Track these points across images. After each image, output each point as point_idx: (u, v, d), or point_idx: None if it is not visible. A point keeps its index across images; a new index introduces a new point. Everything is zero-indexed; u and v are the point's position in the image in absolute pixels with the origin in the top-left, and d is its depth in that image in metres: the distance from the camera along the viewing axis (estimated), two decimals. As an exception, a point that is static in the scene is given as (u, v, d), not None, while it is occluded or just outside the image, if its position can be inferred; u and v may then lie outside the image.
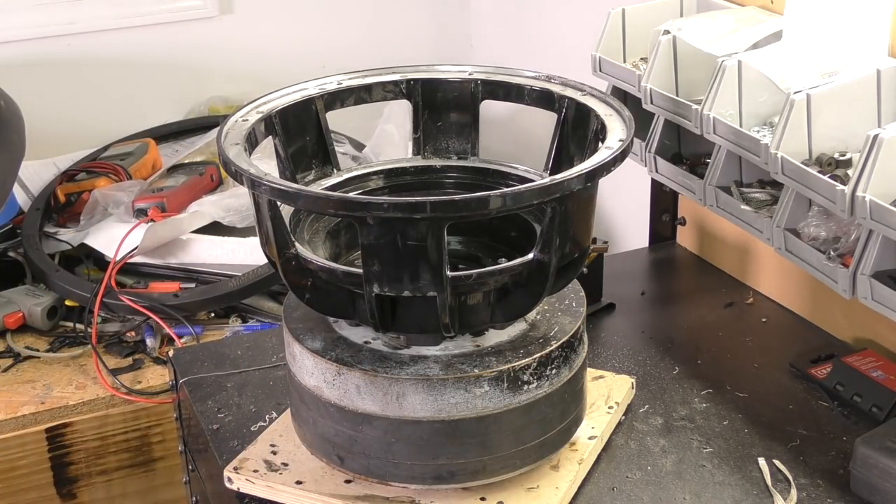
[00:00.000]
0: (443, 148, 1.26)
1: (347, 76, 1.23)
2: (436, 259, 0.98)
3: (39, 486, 1.78)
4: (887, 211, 1.10)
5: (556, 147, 1.19)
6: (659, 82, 1.40)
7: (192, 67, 2.52)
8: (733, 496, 1.15)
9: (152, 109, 2.48)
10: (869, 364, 1.32)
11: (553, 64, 1.53)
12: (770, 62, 1.30)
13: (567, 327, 1.12)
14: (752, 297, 1.55)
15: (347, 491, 1.12)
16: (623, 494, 1.15)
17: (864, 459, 1.13)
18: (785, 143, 1.21)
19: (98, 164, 2.24)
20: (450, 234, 0.99)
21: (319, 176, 1.21)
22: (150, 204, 2.03)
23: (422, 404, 1.05)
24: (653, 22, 1.45)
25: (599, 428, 1.21)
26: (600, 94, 1.16)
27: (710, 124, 1.31)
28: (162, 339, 1.87)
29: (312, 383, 1.09)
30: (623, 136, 1.06)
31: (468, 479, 1.09)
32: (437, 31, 2.70)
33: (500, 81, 1.23)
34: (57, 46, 2.40)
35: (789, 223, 1.26)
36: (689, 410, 1.29)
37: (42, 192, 2.18)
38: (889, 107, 1.24)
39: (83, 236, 2.04)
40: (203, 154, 2.24)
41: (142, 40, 2.46)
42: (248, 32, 2.55)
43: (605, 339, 1.45)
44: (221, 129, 1.09)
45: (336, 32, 2.62)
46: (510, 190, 0.98)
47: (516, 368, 1.06)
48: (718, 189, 1.36)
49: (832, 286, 1.20)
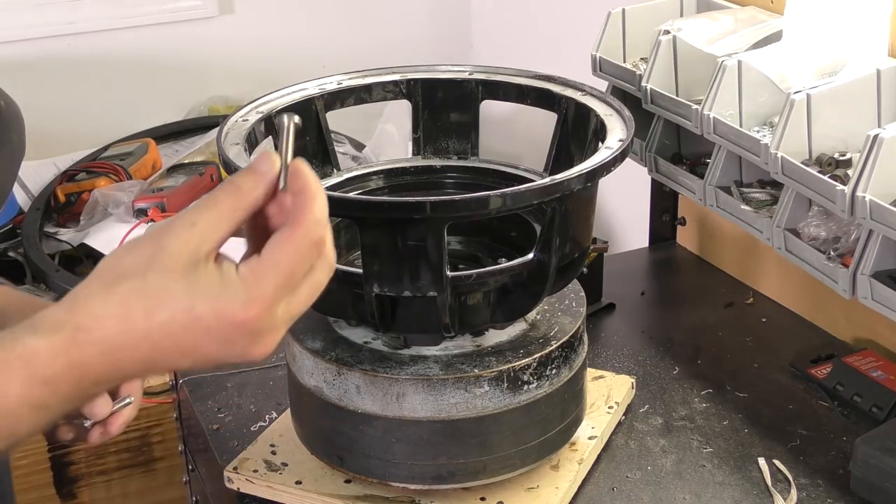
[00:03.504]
0: (443, 148, 1.26)
1: (347, 76, 1.23)
2: (436, 259, 0.98)
3: (39, 486, 1.78)
4: (887, 211, 1.10)
5: (556, 147, 1.19)
6: (659, 82, 1.40)
7: (192, 67, 2.52)
8: (733, 496, 1.15)
9: (152, 109, 2.48)
10: (869, 364, 1.32)
11: (553, 64, 1.52)
12: (770, 62, 1.30)
13: (567, 327, 1.12)
14: (752, 297, 1.55)
15: (347, 491, 1.12)
16: (623, 494, 1.15)
17: (864, 459, 1.12)
18: (785, 143, 1.21)
19: (98, 164, 2.24)
20: (450, 234, 0.99)
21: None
22: (150, 204, 2.03)
23: (422, 404, 1.05)
24: (653, 22, 1.45)
25: (599, 428, 1.21)
26: (600, 94, 1.16)
27: (710, 124, 1.31)
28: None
29: (312, 383, 1.09)
30: (623, 136, 1.06)
31: (468, 479, 1.09)
32: (437, 31, 2.70)
33: (500, 81, 1.23)
34: (57, 46, 2.40)
35: (789, 223, 1.26)
36: (689, 410, 1.29)
37: (42, 192, 2.18)
38: (889, 107, 1.24)
39: (83, 236, 2.04)
40: (203, 154, 2.24)
41: (142, 40, 2.46)
42: (248, 32, 2.55)
43: (605, 339, 1.45)
44: (221, 129, 1.09)
45: (336, 32, 2.62)
46: (510, 190, 0.97)
47: (516, 368, 1.06)
48: (718, 189, 1.36)
49: (832, 286, 1.20)
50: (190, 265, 0.75)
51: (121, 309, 0.74)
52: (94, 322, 0.74)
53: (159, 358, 0.77)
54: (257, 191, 0.77)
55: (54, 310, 0.76)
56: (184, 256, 0.74)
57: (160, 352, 0.76)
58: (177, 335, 0.75)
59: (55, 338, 0.74)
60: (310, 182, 0.78)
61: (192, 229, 0.75)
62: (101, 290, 0.75)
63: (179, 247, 0.75)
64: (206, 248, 0.75)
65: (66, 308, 0.76)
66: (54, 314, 0.76)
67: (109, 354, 0.75)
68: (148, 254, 0.75)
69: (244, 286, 0.75)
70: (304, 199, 0.77)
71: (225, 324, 0.75)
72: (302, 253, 0.76)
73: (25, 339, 0.74)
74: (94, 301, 0.75)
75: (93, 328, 0.74)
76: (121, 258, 0.76)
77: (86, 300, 0.75)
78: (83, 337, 0.74)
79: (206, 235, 0.75)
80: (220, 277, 0.75)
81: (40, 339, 0.74)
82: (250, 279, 0.76)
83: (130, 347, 0.75)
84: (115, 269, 0.75)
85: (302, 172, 0.78)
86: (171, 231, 0.75)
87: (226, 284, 0.75)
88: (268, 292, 0.76)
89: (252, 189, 0.77)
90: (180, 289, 0.74)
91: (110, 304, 0.74)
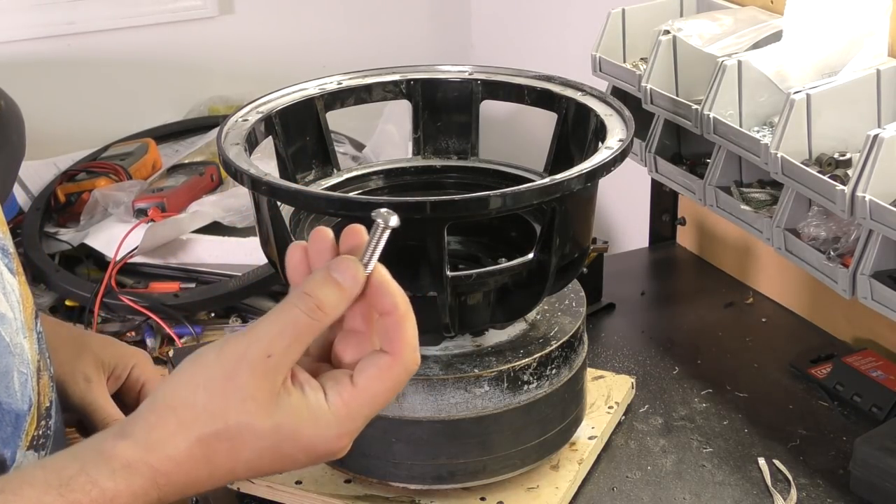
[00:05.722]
0: (443, 148, 1.26)
1: (347, 76, 1.23)
2: (436, 259, 0.98)
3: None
4: (887, 211, 1.10)
5: (556, 147, 1.18)
6: (659, 82, 1.40)
7: (192, 67, 2.52)
8: (733, 496, 1.15)
9: (152, 109, 2.48)
10: (869, 364, 1.32)
11: (553, 64, 1.53)
12: (770, 62, 1.30)
13: (567, 327, 1.12)
14: (752, 297, 1.55)
15: (347, 491, 1.12)
16: (623, 494, 1.15)
17: (864, 459, 1.12)
18: (785, 143, 1.21)
19: (98, 164, 2.24)
20: (450, 234, 0.99)
21: (319, 176, 1.21)
22: (150, 204, 2.03)
23: (422, 404, 1.05)
24: (653, 22, 1.45)
25: (599, 428, 1.21)
26: (600, 94, 1.16)
27: (710, 124, 1.31)
28: (162, 338, 1.87)
29: (312, 383, 1.09)
30: (623, 136, 1.06)
31: (468, 479, 1.09)
32: (437, 31, 2.70)
33: (500, 81, 1.23)
34: (57, 46, 2.40)
35: (789, 223, 1.26)
36: (689, 410, 1.29)
37: (42, 192, 2.18)
38: (889, 107, 1.24)
39: (83, 236, 2.04)
40: (203, 154, 2.24)
41: (142, 40, 2.46)
42: (248, 32, 2.55)
43: (605, 339, 1.45)
44: (221, 129, 1.09)
45: (336, 32, 2.62)
46: (510, 190, 0.97)
47: (516, 368, 1.06)
48: (718, 189, 1.36)
49: (832, 286, 1.20)
50: (271, 400, 0.71)
51: (203, 451, 0.71)
52: (176, 467, 0.72)
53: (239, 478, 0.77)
54: (339, 310, 0.73)
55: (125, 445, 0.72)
56: (263, 392, 0.71)
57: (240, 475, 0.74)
58: (261, 468, 0.73)
59: (134, 482, 0.71)
60: (399, 302, 0.73)
61: (269, 362, 0.71)
62: (179, 432, 0.71)
63: (258, 384, 0.71)
64: (282, 376, 0.72)
65: (141, 447, 0.72)
66: (127, 452, 0.71)
67: (188, 490, 0.73)
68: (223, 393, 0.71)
69: (337, 422, 0.72)
70: (396, 322, 0.73)
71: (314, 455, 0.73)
72: (400, 383, 0.73)
73: (101, 482, 0.70)
74: (173, 444, 0.71)
75: (174, 473, 0.72)
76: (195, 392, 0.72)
77: (162, 442, 0.71)
78: (164, 480, 0.72)
79: (283, 363, 0.71)
80: (307, 411, 0.71)
81: (119, 483, 0.71)
82: (344, 415, 0.72)
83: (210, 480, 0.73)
84: (191, 407, 0.71)
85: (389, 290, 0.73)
86: (246, 364, 0.71)
87: (316, 419, 0.71)
88: (360, 424, 0.73)
89: (334, 309, 0.72)
90: (266, 429, 0.71)
91: (193, 447, 0.71)
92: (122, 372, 1.13)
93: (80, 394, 1.08)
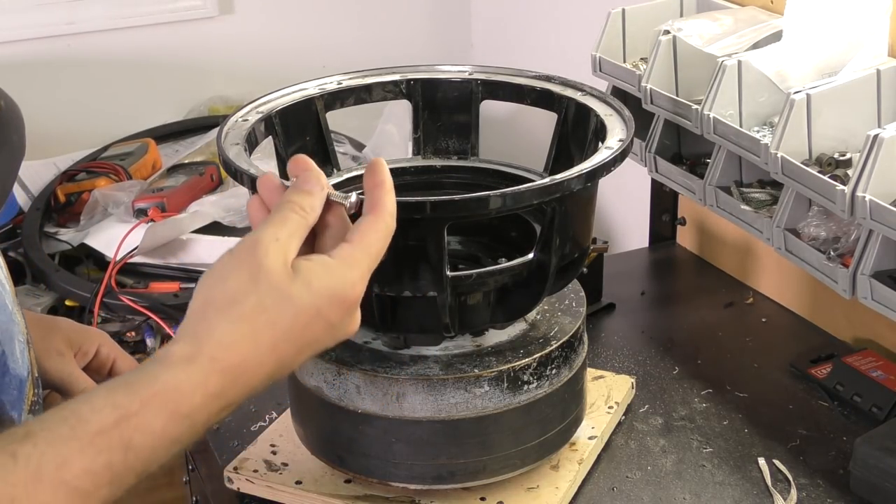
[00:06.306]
0: (443, 148, 1.26)
1: (347, 76, 1.23)
2: (436, 259, 0.98)
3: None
4: (887, 211, 1.10)
5: (556, 147, 1.19)
6: (659, 82, 1.40)
7: (192, 67, 2.52)
8: (733, 496, 1.15)
9: (152, 109, 2.48)
10: (869, 364, 1.32)
11: (553, 64, 1.53)
12: (770, 62, 1.30)
13: (567, 327, 1.12)
14: (752, 297, 1.55)
15: (347, 491, 1.12)
16: (623, 494, 1.15)
17: (864, 459, 1.13)
18: (785, 143, 1.21)
19: (98, 164, 2.24)
20: (450, 234, 0.99)
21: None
22: (150, 204, 2.03)
23: (422, 404, 1.05)
24: (653, 22, 1.45)
25: (599, 428, 1.21)
26: (600, 94, 1.16)
27: (710, 124, 1.31)
28: (162, 339, 1.87)
29: (312, 383, 1.09)
30: (623, 136, 1.06)
31: (468, 479, 1.09)
32: (437, 31, 2.70)
33: (500, 81, 1.23)
34: (57, 46, 2.40)
35: (789, 223, 1.26)
36: (689, 410, 1.29)
37: (42, 192, 2.18)
38: (889, 107, 1.24)
39: (83, 236, 2.03)
40: (203, 154, 2.24)
41: (142, 40, 2.46)
42: (248, 32, 2.55)
43: (605, 339, 1.45)
44: (221, 129, 1.09)
45: (336, 32, 2.62)
46: (510, 190, 0.97)
47: (516, 368, 1.06)
48: (718, 189, 1.36)
49: (832, 286, 1.20)
50: (290, 271, 0.79)
51: (248, 327, 0.78)
52: (226, 351, 0.77)
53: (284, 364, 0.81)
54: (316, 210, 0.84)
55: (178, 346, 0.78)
56: (280, 265, 0.79)
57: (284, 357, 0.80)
58: (299, 336, 0.80)
59: (192, 370, 0.76)
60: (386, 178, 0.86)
61: (278, 243, 0.80)
62: (222, 317, 0.78)
63: (274, 258, 0.79)
64: (292, 256, 0.80)
65: (191, 342, 0.78)
66: (181, 349, 0.77)
67: (243, 378, 0.78)
68: (248, 273, 0.79)
69: (348, 268, 0.81)
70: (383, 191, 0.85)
71: (340, 307, 0.81)
72: (386, 236, 0.84)
73: (161, 375, 0.76)
74: (219, 329, 0.78)
75: (225, 357, 0.77)
76: (224, 283, 0.79)
77: (209, 331, 0.78)
78: (219, 366, 0.77)
79: (289, 245, 0.80)
80: (323, 269, 0.80)
81: (179, 373, 0.76)
82: (351, 261, 0.82)
83: (260, 364, 0.79)
84: (224, 295, 0.79)
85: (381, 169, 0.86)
86: (260, 248, 0.79)
87: (331, 272, 0.80)
88: (365, 271, 0.82)
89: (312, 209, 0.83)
90: (296, 290, 0.79)
91: (237, 326, 0.78)
92: (90, 348, 1.17)
93: (55, 367, 1.11)
